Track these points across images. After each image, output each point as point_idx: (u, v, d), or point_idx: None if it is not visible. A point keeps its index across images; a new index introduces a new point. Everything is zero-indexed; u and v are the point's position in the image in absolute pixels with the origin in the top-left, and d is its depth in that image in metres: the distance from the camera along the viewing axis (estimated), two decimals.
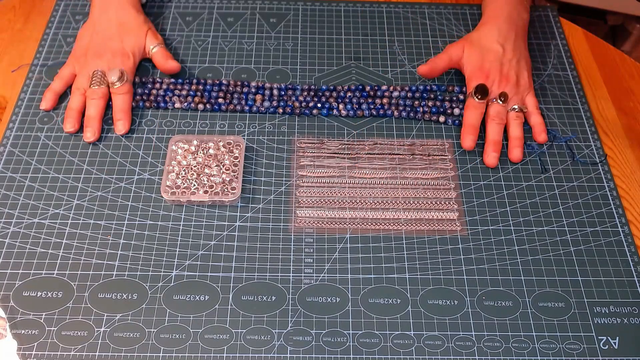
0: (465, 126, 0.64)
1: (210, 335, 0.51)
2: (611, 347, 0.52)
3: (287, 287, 0.54)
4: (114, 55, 0.67)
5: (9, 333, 0.51)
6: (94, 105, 0.64)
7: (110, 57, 0.67)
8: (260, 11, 0.78)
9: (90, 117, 0.64)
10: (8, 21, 0.76)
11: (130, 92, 0.66)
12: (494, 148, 0.63)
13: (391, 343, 0.51)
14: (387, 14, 0.78)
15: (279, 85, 0.68)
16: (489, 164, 0.63)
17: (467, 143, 0.63)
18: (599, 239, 0.58)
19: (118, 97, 0.65)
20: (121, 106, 0.65)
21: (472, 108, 0.65)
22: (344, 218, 0.59)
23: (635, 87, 0.72)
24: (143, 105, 0.66)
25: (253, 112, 0.66)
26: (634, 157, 0.65)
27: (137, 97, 0.67)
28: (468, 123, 0.64)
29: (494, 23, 0.69)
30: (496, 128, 0.64)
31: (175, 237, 0.57)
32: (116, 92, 0.65)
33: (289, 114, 0.66)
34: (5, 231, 0.57)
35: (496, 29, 0.68)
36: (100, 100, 0.65)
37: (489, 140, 0.63)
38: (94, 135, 0.63)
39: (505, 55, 0.67)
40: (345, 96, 0.67)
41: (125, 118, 0.65)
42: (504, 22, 0.69)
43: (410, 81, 0.70)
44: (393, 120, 0.66)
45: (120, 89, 0.65)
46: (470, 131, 0.64)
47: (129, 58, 0.68)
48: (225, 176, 0.60)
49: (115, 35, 0.68)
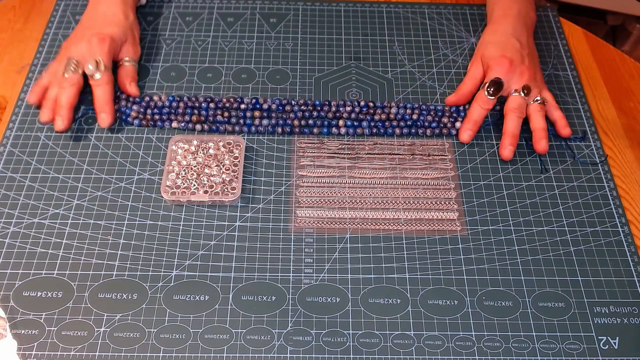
0: (467, 119, 0.64)
1: (210, 335, 0.51)
2: (611, 347, 0.52)
3: (287, 287, 0.54)
4: (89, 40, 0.65)
5: (9, 333, 0.51)
6: (65, 93, 0.63)
7: (86, 43, 0.65)
8: (260, 11, 0.78)
9: (61, 106, 0.62)
10: (8, 21, 0.76)
11: (110, 81, 0.64)
12: (511, 141, 0.62)
13: (391, 343, 0.51)
14: (387, 14, 0.78)
15: (275, 100, 0.66)
16: (505, 157, 0.62)
17: (464, 137, 0.63)
18: (599, 239, 0.58)
19: (97, 89, 0.64)
20: (102, 98, 0.64)
21: (480, 103, 0.64)
22: (344, 218, 0.59)
23: (635, 87, 0.72)
24: (139, 123, 0.65)
25: (252, 132, 0.65)
26: (634, 157, 0.65)
27: (133, 114, 0.65)
28: (470, 117, 0.64)
29: (506, 21, 0.69)
30: (516, 121, 0.63)
31: (175, 237, 0.57)
32: (95, 84, 0.64)
33: (288, 133, 0.65)
34: (5, 231, 0.57)
35: (509, 25, 0.68)
36: (72, 87, 0.63)
37: (508, 132, 0.63)
38: (64, 124, 0.62)
39: (523, 49, 0.66)
40: (344, 110, 0.66)
41: (107, 111, 0.63)
42: (515, 20, 0.69)
43: (410, 81, 0.70)
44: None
45: (99, 80, 0.64)
46: (470, 126, 0.63)
47: (105, 41, 0.65)
48: (225, 176, 0.60)
49: (96, 24, 0.67)
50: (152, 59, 0.72)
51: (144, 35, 0.74)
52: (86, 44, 0.65)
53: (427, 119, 0.65)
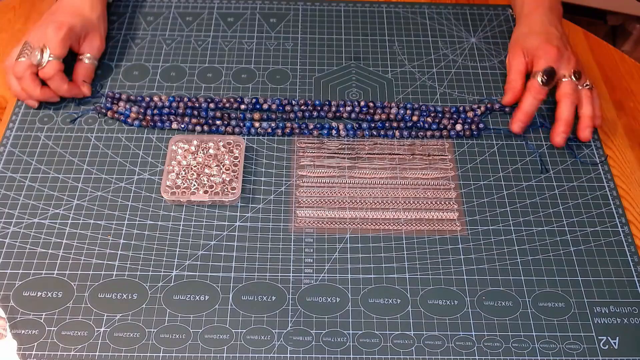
0: (520, 111, 0.63)
1: (210, 335, 0.51)
2: (611, 347, 0.52)
3: (287, 287, 0.54)
4: (46, 27, 0.63)
5: (9, 333, 0.51)
6: (25, 83, 0.62)
7: (43, 29, 0.63)
8: (260, 11, 0.78)
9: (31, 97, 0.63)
10: (8, 21, 0.76)
11: (59, 70, 0.63)
12: (565, 129, 0.62)
13: (391, 343, 0.51)
14: (387, 14, 0.78)
15: (275, 100, 0.66)
16: (557, 144, 0.62)
17: (515, 128, 0.63)
18: (599, 239, 0.58)
19: (49, 82, 0.63)
20: (57, 89, 0.63)
21: (533, 93, 0.62)
22: (344, 218, 0.59)
23: (635, 87, 0.72)
24: (139, 124, 0.65)
25: (252, 134, 0.65)
26: (634, 157, 0.65)
27: (133, 115, 0.65)
28: (523, 109, 0.63)
29: (539, 12, 0.68)
30: (570, 107, 0.62)
31: (175, 237, 0.57)
32: (44, 76, 0.62)
33: (288, 134, 0.65)
34: (5, 231, 0.57)
35: (543, 16, 0.68)
36: (27, 71, 0.61)
37: (562, 119, 0.62)
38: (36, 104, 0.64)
39: (563, 38, 0.65)
40: (344, 110, 0.66)
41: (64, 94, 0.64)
42: (548, 10, 0.68)
43: (410, 81, 0.70)
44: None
45: (47, 72, 0.62)
46: (522, 117, 0.63)
47: (61, 29, 0.63)
48: (225, 176, 0.60)
49: (59, 13, 0.66)
50: (152, 59, 0.72)
51: (144, 35, 0.74)
52: (43, 30, 0.63)
53: (427, 121, 0.65)
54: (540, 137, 0.65)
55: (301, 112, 0.66)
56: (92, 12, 0.68)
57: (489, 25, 0.77)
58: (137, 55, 0.72)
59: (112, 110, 0.65)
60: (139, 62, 0.71)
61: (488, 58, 0.73)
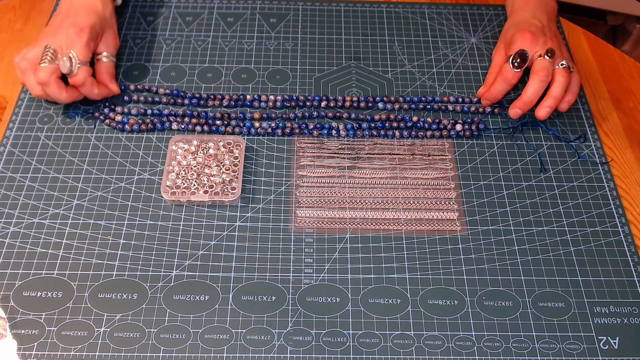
0: (489, 92, 0.65)
1: (210, 335, 0.51)
2: (611, 347, 0.52)
3: (287, 287, 0.54)
4: (67, 30, 0.62)
5: (9, 333, 0.51)
6: (50, 89, 0.60)
7: (64, 33, 0.62)
8: (260, 11, 0.78)
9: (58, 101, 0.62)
10: (8, 21, 0.76)
11: (89, 75, 0.62)
12: (522, 106, 0.62)
13: (391, 343, 0.51)
14: (387, 14, 0.78)
15: (279, 97, 0.67)
16: (510, 115, 0.64)
17: (484, 103, 0.66)
18: (599, 239, 0.58)
19: (82, 89, 0.62)
20: (91, 95, 0.63)
21: (503, 76, 0.63)
22: (344, 218, 0.59)
23: (635, 87, 0.72)
24: (139, 128, 0.64)
25: (252, 134, 0.65)
26: (634, 157, 0.65)
27: (132, 121, 0.64)
28: (492, 91, 0.65)
29: (525, 9, 0.69)
30: (536, 85, 0.61)
31: (175, 237, 0.57)
32: (75, 83, 0.61)
33: (288, 134, 0.65)
34: (5, 231, 0.57)
35: (528, 12, 0.68)
36: (52, 77, 0.60)
37: (524, 96, 0.62)
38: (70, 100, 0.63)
39: (544, 28, 0.66)
40: (344, 106, 0.66)
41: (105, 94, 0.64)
42: (535, 7, 0.69)
43: (410, 81, 0.70)
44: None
45: (79, 79, 0.61)
46: (489, 98, 0.65)
47: (84, 32, 0.61)
48: (225, 176, 0.60)
49: (73, 12, 0.64)
50: (152, 59, 0.72)
51: (144, 35, 0.74)
52: (64, 34, 0.62)
53: (427, 121, 0.65)
54: (540, 137, 0.66)
55: (301, 112, 0.66)
56: (104, 8, 0.67)
57: (489, 25, 0.77)
58: (137, 55, 0.72)
59: (110, 119, 0.65)
60: (139, 62, 0.71)
61: (488, 58, 0.73)
